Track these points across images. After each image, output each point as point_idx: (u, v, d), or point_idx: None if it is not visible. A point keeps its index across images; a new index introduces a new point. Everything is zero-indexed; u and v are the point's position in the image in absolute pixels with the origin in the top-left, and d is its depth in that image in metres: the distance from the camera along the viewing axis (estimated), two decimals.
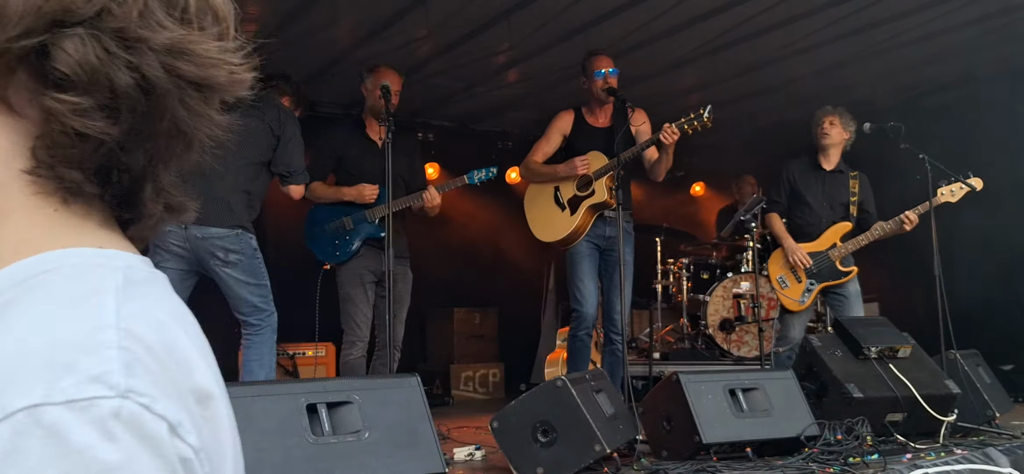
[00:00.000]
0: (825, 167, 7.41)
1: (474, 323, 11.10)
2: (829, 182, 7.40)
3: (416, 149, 6.81)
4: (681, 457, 5.03)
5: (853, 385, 5.62)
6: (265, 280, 5.80)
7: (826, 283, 7.29)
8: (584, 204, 6.41)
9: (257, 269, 5.77)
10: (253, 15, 7.61)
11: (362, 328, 6.37)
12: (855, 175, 7.43)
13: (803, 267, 7.23)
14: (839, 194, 7.38)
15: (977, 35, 8.27)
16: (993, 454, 5.23)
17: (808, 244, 7.33)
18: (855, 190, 7.37)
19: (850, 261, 7.34)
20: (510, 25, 7.81)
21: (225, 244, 5.59)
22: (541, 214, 6.62)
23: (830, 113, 7.36)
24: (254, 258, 5.75)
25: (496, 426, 4.65)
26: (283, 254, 10.24)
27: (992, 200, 7.38)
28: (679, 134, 6.21)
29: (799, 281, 7.27)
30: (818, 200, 7.37)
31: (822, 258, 7.26)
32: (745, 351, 9.29)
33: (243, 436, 3.28)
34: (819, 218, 7.36)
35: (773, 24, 8.02)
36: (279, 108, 5.99)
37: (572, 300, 6.54)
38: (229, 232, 5.60)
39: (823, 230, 7.35)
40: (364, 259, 6.37)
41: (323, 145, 6.62)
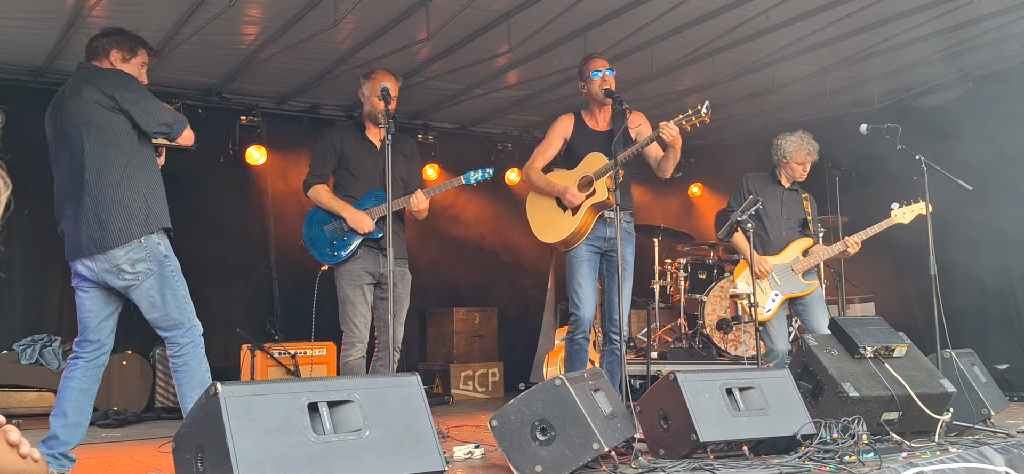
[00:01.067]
0: (784, 184, 7.52)
1: (474, 323, 11.14)
2: (787, 199, 7.54)
3: (415, 152, 6.82)
4: (678, 455, 5.07)
5: (849, 384, 5.66)
6: (178, 287, 5.19)
7: (790, 295, 7.35)
8: (585, 204, 6.43)
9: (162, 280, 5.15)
10: (253, 18, 7.66)
11: (361, 329, 6.38)
12: (807, 196, 7.63)
13: (767, 277, 7.31)
14: (796, 212, 7.54)
15: (975, 35, 8.32)
16: (988, 453, 5.25)
17: (772, 257, 7.41)
18: (808, 210, 7.49)
19: (812, 275, 7.43)
20: (509, 28, 7.85)
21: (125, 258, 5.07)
22: (543, 216, 6.63)
23: (812, 152, 7.45)
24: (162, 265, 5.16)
25: (495, 425, 4.69)
26: (284, 256, 10.31)
27: (987, 200, 7.42)
28: (677, 130, 6.24)
29: (764, 291, 7.33)
30: (778, 215, 7.48)
31: (784, 270, 7.35)
32: (742, 350, 9.33)
33: (246, 435, 3.34)
34: (780, 232, 7.46)
35: (771, 27, 8.07)
36: (102, 77, 5.24)
37: (570, 304, 6.56)
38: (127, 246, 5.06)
39: (783, 242, 7.43)
40: (362, 261, 6.40)
41: (325, 144, 6.61)
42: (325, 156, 6.59)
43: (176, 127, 5.33)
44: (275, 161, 10.28)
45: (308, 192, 6.59)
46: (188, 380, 5.15)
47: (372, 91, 6.41)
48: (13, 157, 6.77)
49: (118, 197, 5.06)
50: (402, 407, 4.11)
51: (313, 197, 6.55)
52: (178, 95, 9.47)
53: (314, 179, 6.57)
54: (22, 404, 8.17)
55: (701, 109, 6.22)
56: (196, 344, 5.20)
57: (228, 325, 9.66)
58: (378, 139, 6.51)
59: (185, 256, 9.31)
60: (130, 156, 5.15)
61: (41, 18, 7.45)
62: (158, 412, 8.81)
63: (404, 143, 6.73)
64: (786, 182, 7.55)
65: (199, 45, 8.05)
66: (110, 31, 5.52)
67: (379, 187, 6.43)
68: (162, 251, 5.16)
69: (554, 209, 6.59)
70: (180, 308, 5.17)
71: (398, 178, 6.49)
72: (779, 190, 7.55)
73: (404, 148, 6.68)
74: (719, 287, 9.61)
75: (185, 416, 4.70)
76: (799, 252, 7.40)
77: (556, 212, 6.57)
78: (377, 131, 6.53)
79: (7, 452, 2.04)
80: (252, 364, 8.80)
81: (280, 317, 10.15)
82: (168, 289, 5.14)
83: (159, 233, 5.18)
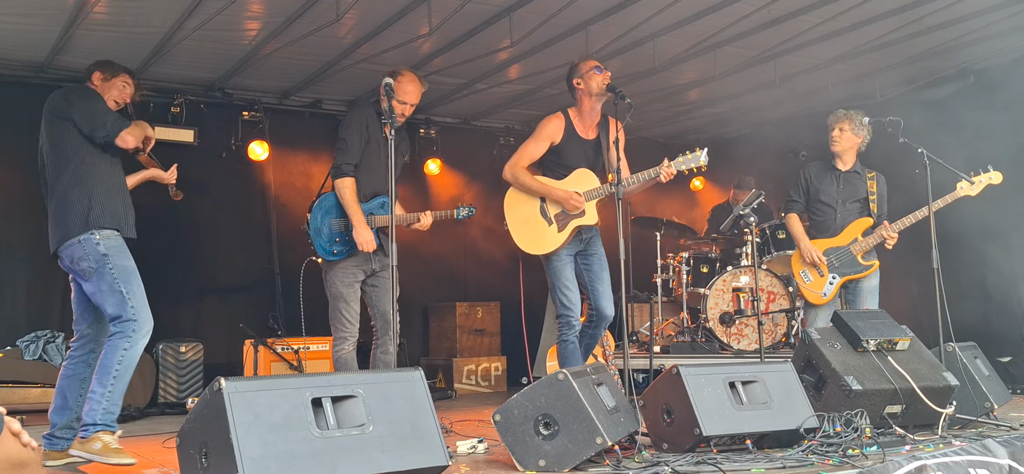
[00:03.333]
0: (840, 168, 7.50)
1: (476, 317, 11.14)
2: (845, 181, 7.50)
3: (408, 149, 6.86)
4: (681, 449, 5.07)
5: (852, 377, 5.66)
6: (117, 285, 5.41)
7: (848, 277, 7.36)
8: (573, 223, 6.41)
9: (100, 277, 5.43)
10: (256, 13, 7.65)
11: (354, 325, 6.41)
12: (873, 176, 7.54)
13: (823, 262, 7.32)
14: (856, 192, 7.49)
15: (977, 27, 8.31)
16: (991, 446, 5.25)
17: (829, 240, 7.43)
18: (873, 189, 7.44)
19: (872, 255, 7.41)
20: (511, 22, 7.85)
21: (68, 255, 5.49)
22: (525, 224, 6.58)
23: (841, 119, 7.45)
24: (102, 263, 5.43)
25: (498, 419, 4.69)
26: (286, 251, 10.31)
27: (990, 193, 7.40)
28: (675, 173, 6.32)
29: (821, 275, 7.35)
30: (834, 198, 7.47)
31: (843, 252, 7.35)
32: (745, 344, 9.34)
33: (250, 430, 3.34)
34: (835, 215, 7.45)
35: (772, 20, 8.06)
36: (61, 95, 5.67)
37: (559, 306, 6.49)
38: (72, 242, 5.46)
39: (840, 226, 7.43)
40: (355, 258, 6.40)
41: (357, 124, 6.47)
42: (356, 138, 6.46)
43: (112, 129, 5.54)
44: (277, 156, 10.28)
45: (338, 180, 6.43)
46: (102, 362, 5.39)
47: (396, 95, 6.29)
48: (15, 153, 6.88)
49: (67, 198, 5.50)
50: (406, 402, 4.11)
51: (340, 188, 6.41)
52: (180, 91, 9.50)
53: (348, 169, 6.42)
54: (25, 400, 8.17)
55: (700, 156, 6.30)
56: (127, 336, 5.38)
57: (231, 320, 9.67)
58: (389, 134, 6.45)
59: (187, 252, 9.35)
60: (81, 160, 5.56)
61: (43, 14, 7.44)
62: (161, 407, 8.81)
63: (404, 143, 6.75)
64: (842, 166, 7.53)
65: (201, 41, 8.05)
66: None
67: (385, 191, 6.38)
68: (101, 250, 5.44)
69: (538, 220, 6.51)
70: (117, 304, 5.40)
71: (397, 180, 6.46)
72: (836, 174, 7.53)
73: (403, 148, 6.71)
74: (722, 281, 9.61)
75: (91, 389, 5.30)
76: (858, 233, 7.39)
77: (540, 223, 6.50)
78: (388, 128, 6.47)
79: (10, 440, 2.20)
80: (255, 359, 8.81)
81: (283, 312, 10.15)
82: (106, 285, 5.41)
83: (102, 232, 5.48)
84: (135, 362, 5.41)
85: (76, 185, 5.50)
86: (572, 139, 6.58)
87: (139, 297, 5.44)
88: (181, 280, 9.70)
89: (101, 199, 5.53)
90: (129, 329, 5.37)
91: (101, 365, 5.36)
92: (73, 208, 5.47)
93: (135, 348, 5.38)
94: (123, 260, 5.48)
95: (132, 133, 5.56)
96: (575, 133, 6.60)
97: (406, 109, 6.44)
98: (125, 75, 5.98)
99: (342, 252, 6.40)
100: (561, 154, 6.56)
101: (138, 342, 5.40)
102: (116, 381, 5.32)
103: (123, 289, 5.40)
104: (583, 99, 6.60)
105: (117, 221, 5.57)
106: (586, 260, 6.58)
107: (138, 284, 5.48)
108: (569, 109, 6.69)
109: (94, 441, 5.25)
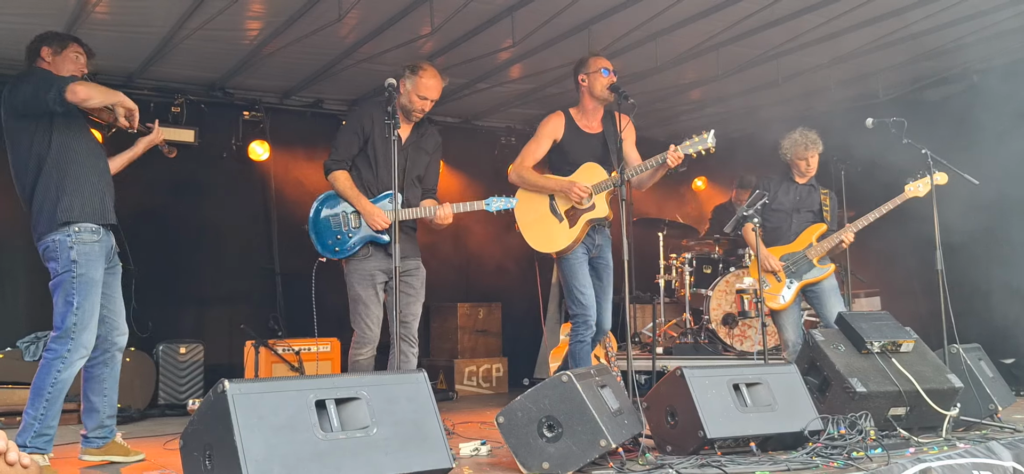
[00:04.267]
0: (798, 181, 7.65)
1: (478, 318, 11.12)
2: (801, 192, 7.65)
3: (437, 149, 6.57)
4: (685, 452, 5.06)
5: (856, 379, 5.65)
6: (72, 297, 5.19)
7: (805, 281, 7.39)
8: (584, 217, 6.37)
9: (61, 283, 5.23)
10: (257, 13, 7.64)
11: (373, 330, 6.22)
12: (826, 192, 7.73)
13: (780, 269, 7.37)
14: (810, 203, 7.66)
15: (979, 28, 8.29)
16: (996, 448, 5.25)
17: (783, 246, 7.51)
18: (826, 203, 7.57)
19: (827, 260, 7.48)
20: (513, 21, 7.83)
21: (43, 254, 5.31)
22: (536, 223, 6.53)
23: (812, 145, 7.52)
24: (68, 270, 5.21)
25: (502, 421, 4.68)
26: (287, 252, 10.29)
27: (993, 193, 7.39)
28: (683, 157, 6.25)
29: (779, 280, 7.40)
30: (789, 206, 7.60)
31: (799, 257, 7.43)
32: (748, 346, 9.32)
33: (253, 432, 3.32)
34: (790, 221, 7.57)
35: (775, 19, 8.05)
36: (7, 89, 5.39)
37: (575, 305, 6.43)
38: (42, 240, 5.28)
39: (794, 232, 7.52)
40: (374, 260, 6.20)
41: (353, 126, 6.28)
42: (351, 139, 6.28)
43: (58, 86, 5.06)
44: (278, 156, 10.27)
45: (328, 176, 6.30)
46: (35, 383, 5.22)
47: (415, 89, 6.19)
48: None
49: (36, 195, 5.26)
50: (409, 404, 4.10)
51: (332, 182, 6.27)
52: (181, 91, 9.48)
53: (335, 165, 6.26)
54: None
55: (707, 138, 6.24)
56: (61, 357, 5.18)
57: (232, 322, 9.66)
58: (406, 133, 6.33)
59: (188, 252, 9.34)
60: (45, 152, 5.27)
61: (44, 14, 7.42)
62: (161, 409, 8.79)
63: (430, 140, 6.52)
64: (800, 179, 7.63)
65: (202, 40, 8.03)
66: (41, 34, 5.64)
67: (399, 186, 6.31)
68: (72, 256, 5.20)
69: (549, 218, 6.47)
70: (62, 316, 5.20)
71: (415, 178, 6.38)
72: (793, 186, 7.66)
73: (427, 145, 6.48)
74: (725, 282, 9.60)
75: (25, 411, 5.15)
76: (813, 238, 7.45)
77: (550, 220, 6.47)
78: (407, 125, 6.34)
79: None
80: (256, 361, 8.79)
81: (284, 313, 10.14)
82: (62, 293, 5.21)
83: (76, 228, 5.22)
84: (68, 385, 5.21)
85: (42, 180, 5.23)
86: (575, 135, 6.56)
87: (87, 315, 5.21)
88: (181, 281, 9.68)
89: (70, 190, 5.24)
90: (64, 348, 5.16)
91: (34, 386, 5.18)
92: (44, 206, 5.22)
93: (69, 370, 5.19)
94: (91, 270, 5.24)
95: (84, 85, 5.09)
96: (578, 128, 6.57)
97: (426, 105, 6.25)
98: (75, 45, 5.60)
99: (343, 250, 6.22)
100: (565, 151, 6.54)
101: (72, 364, 5.20)
102: (49, 404, 5.15)
103: (75, 301, 5.16)
104: (586, 97, 6.58)
105: (89, 207, 5.29)
106: (595, 268, 6.54)
107: (93, 301, 5.25)
108: (570, 108, 6.68)
109: None
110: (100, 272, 5.31)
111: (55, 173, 5.24)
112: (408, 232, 6.32)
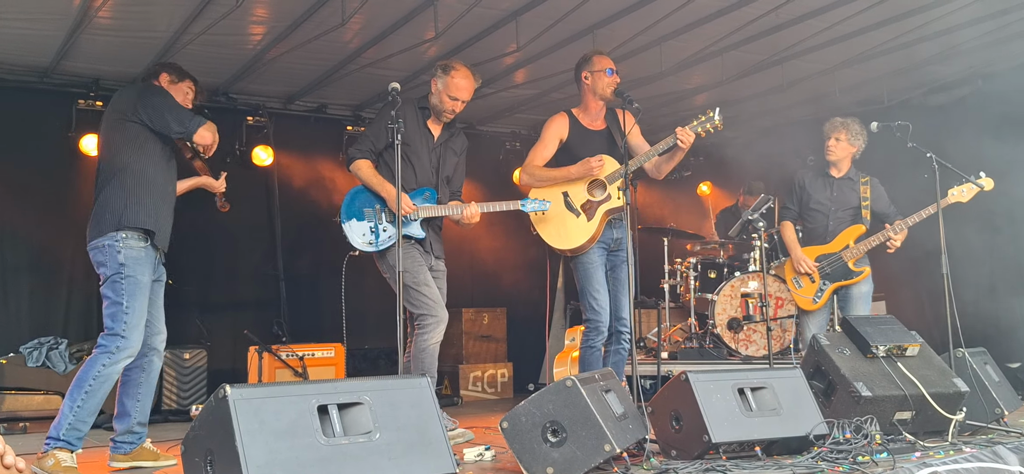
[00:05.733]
0: (834, 175, 7.48)
1: (482, 323, 11.11)
2: (838, 188, 7.50)
3: (464, 151, 6.63)
4: (690, 456, 5.03)
5: (862, 383, 5.62)
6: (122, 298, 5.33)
7: (839, 283, 7.35)
8: (601, 209, 6.32)
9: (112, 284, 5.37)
10: (261, 18, 7.63)
11: (437, 304, 6.09)
12: (866, 181, 7.50)
13: (815, 269, 7.32)
14: (849, 199, 7.47)
15: (984, 32, 8.27)
16: (1002, 452, 5.22)
17: (820, 246, 7.45)
18: (866, 195, 7.42)
19: (864, 262, 7.40)
20: (518, 26, 7.82)
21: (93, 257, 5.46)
22: (553, 221, 6.44)
23: (838, 128, 7.44)
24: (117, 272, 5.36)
25: (506, 426, 4.66)
26: (291, 257, 10.28)
27: (999, 197, 7.37)
28: (693, 136, 6.19)
29: (813, 281, 7.36)
30: (826, 205, 7.47)
31: (835, 259, 7.34)
32: (753, 350, 9.29)
33: (255, 438, 3.30)
34: (826, 221, 7.44)
35: (780, 24, 8.03)
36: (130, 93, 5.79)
37: (588, 310, 6.39)
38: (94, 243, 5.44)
39: (832, 233, 7.42)
40: (416, 248, 6.19)
41: (386, 117, 6.01)
42: (379, 134, 6.27)
43: (191, 124, 5.50)
44: (282, 161, 10.26)
45: (350, 166, 6.31)
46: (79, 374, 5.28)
47: (447, 88, 6.24)
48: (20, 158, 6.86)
49: (107, 198, 5.43)
50: (413, 409, 4.07)
51: (355, 171, 6.27)
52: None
53: (358, 154, 6.28)
54: (29, 407, 8.16)
55: (714, 116, 6.18)
56: (109, 352, 5.27)
57: (235, 327, 9.65)
58: (437, 132, 6.38)
59: (191, 258, 9.33)
60: (135, 163, 5.48)
61: (48, 19, 7.43)
62: (165, 414, 8.78)
63: (458, 142, 6.59)
64: (837, 173, 7.52)
65: (206, 45, 8.03)
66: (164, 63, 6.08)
67: (431, 184, 6.30)
68: (120, 259, 5.34)
69: (565, 213, 6.41)
70: (113, 316, 5.33)
71: (446, 178, 6.39)
72: (829, 181, 7.53)
73: (456, 146, 6.54)
74: (730, 286, 9.57)
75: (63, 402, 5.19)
76: (850, 240, 7.37)
77: (567, 216, 6.40)
78: (437, 124, 6.39)
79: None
80: (260, 366, 8.78)
81: (287, 318, 10.13)
82: (112, 293, 5.34)
83: (129, 234, 5.38)
84: (111, 382, 5.30)
85: (120, 187, 5.42)
86: (581, 133, 6.54)
87: (136, 315, 5.34)
88: (185, 286, 9.67)
89: (137, 200, 5.43)
90: (113, 345, 5.26)
91: (77, 378, 5.24)
92: (108, 208, 5.39)
93: (114, 367, 5.27)
94: (139, 273, 5.38)
95: (210, 129, 5.52)
96: (582, 127, 6.55)
97: (457, 105, 6.28)
98: (190, 81, 5.98)
99: (378, 243, 6.17)
100: (573, 149, 6.50)
101: (119, 362, 5.28)
102: (87, 397, 5.19)
103: (124, 301, 5.30)
104: (588, 95, 6.56)
105: (150, 221, 5.45)
106: (615, 268, 6.51)
107: (141, 303, 5.37)
108: (572, 108, 6.66)
109: (48, 458, 5.11)
110: (148, 277, 5.45)
111: (133, 186, 5.45)
112: (437, 232, 6.33)
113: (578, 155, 6.47)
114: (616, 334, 6.46)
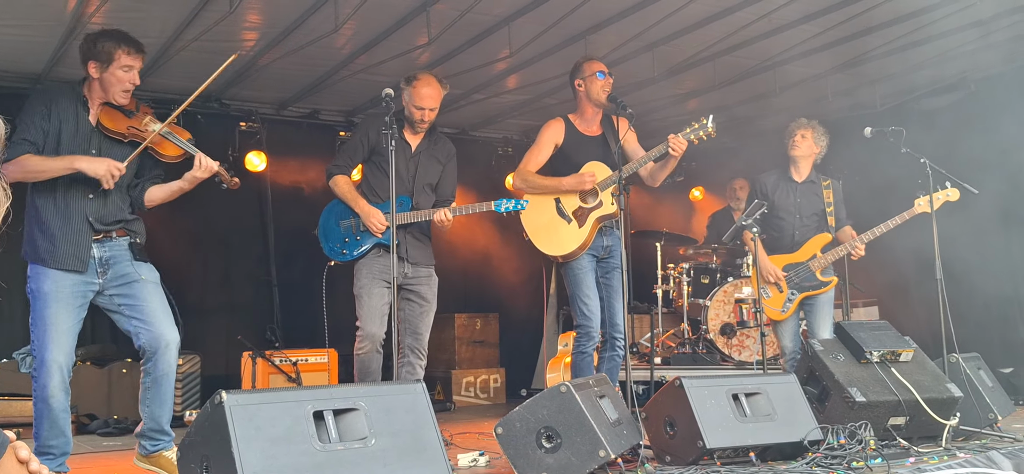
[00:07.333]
0: (796, 179, 7.44)
1: (475, 328, 11.11)
2: (801, 193, 7.41)
3: (451, 157, 6.60)
4: (685, 462, 5.04)
5: (855, 389, 5.64)
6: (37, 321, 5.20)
7: (807, 293, 7.27)
8: (592, 216, 6.35)
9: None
10: (254, 24, 7.62)
11: (368, 323, 6.14)
12: (828, 184, 7.46)
13: (783, 278, 7.27)
14: (813, 204, 7.39)
15: (975, 37, 8.29)
16: (995, 457, 5.24)
17: (788, 255, 7.34)
18: (830, 200, 7.38)
19: (830, 272, 7.34)
20: (510, 32, 7.82)
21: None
22: (545, 226, 6.48)
23: (804, 126, 7.42)
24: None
25: (500, 432, 4.66)
26: (284, 263, 10.27)
27: (991, 203, 7.39)
28: (685, 145, 6.21)
29: (781, 291, 7.29)
30: (791, 212, 7.38)
31: (802, 268, 7.28)
32: (746, 355, 9.31)
33: (251, 444, 3.30)
34: (793, 229, 7.37)
35: (772, 29, 8.05)
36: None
37: (579, 316, 6.41)
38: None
39: (798, 242, 7.35)
40: (383, 259, 6.18)
41: (359, 137, 6.40)
42: (355, 149, 6.41)
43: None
44: (275, 167, 10.24)
45: (329, 181, 6.39)
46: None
47: (412, 99, 6.25)
48: None
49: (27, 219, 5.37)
50: (408, 415, 4.08)
51: (333, 187, 6.37)
52: (178, 101, 9.44)
53: (336, 169, 6.38)
54: (22, 413, 8.11)
55: (707, 123, 6.21)
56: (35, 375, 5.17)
57: (229, 332, 9.63)
58: (416, 141, 6.39)
59: (185, 262, 9.32)
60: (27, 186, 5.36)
61: (41, 25, 7.41)
62: None
63: (442, 148, 6.57)
64: (798, 176, 7.44)
65: (199, 51, 8.00)
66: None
67: (406, 192, 6.30)
68: (29, 287, 5.28)
69: (557, 220, 6.44)
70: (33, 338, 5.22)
71: (427, 186, 6.40)
72: (792, 186, 7.44)
73: (439, 153, 6.52)
74: (723, 291, 9.58)
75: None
76: (817, 249, 7.30)
77: (559, 222, 6.44)
78: (416, 134, 6.40)
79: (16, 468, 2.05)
80: (253, 372, 8.76)
81: (281, 324, 10.12)
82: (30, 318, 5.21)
83: (31, 267, 5.33)
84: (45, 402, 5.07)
85: (29, 207, 5.34)
86: (576, 138, 6.57)
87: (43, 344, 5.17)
88: (177, 292, 9.60)
89: (33, 229, 5.33)
90: (37, 365, 5.14)
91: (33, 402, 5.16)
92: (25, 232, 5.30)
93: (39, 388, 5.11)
94: (42, 309, 5.22)
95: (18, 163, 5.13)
96: (578, 132, 6.59)
97: (425, 114, 6.27)
98: (124, 51, 5.56)
99: (352, 254, 6.27)
100: (568, 155, 6.53)
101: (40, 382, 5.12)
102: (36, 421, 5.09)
103: (38, 330, 5.16)
104: (584, 102, 6.60)
105: (40, 254, 5.28)
106: (607, 275, 6.52)
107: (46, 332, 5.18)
108: (569, 114, 6.69)
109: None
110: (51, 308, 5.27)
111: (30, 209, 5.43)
112: (420, 239, 6.35)
113: (573, 159, 6.49)
114: (610, 341, 6.46)
